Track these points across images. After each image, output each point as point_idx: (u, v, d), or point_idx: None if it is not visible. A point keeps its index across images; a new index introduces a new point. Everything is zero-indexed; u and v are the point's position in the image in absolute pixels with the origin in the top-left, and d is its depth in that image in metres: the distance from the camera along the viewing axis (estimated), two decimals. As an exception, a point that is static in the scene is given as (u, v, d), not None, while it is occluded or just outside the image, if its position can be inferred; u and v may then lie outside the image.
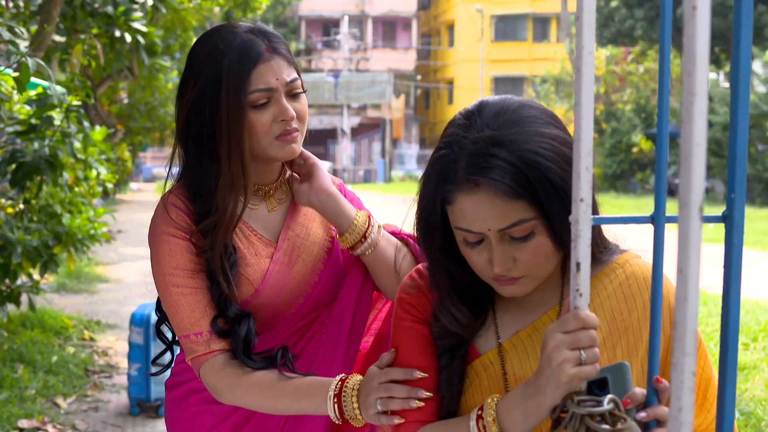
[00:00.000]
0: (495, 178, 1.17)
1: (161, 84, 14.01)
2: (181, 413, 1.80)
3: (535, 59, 41.40)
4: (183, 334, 1.64)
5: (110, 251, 11.91)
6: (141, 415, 4.96)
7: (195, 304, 1.63)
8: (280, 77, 1.64)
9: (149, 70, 9.28)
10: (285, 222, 1.78)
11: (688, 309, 0.83)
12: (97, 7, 7.38)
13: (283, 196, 1.81)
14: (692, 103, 0.83)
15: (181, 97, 1.68)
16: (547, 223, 1.20)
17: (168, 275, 1.65)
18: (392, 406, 1.38)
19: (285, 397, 1.58)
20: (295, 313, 1.76)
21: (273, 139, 1.66)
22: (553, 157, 1.19)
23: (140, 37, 7.55)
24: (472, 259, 1.26)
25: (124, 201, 22.76)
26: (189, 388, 1.78)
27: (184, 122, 1.67)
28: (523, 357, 1.32)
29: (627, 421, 1.00)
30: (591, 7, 1.02)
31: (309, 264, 1.77)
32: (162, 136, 22.07)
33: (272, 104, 1.65)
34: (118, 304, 8.38)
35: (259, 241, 1.74)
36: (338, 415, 1.52)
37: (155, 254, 1.68)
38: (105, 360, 6.21)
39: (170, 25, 9.48)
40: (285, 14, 44.83)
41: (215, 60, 1.63)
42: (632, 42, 30.87)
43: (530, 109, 1.24)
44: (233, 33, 1.66)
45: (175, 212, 1.67)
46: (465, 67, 43.20)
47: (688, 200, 0.83)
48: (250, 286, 1.70)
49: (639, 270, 1.34)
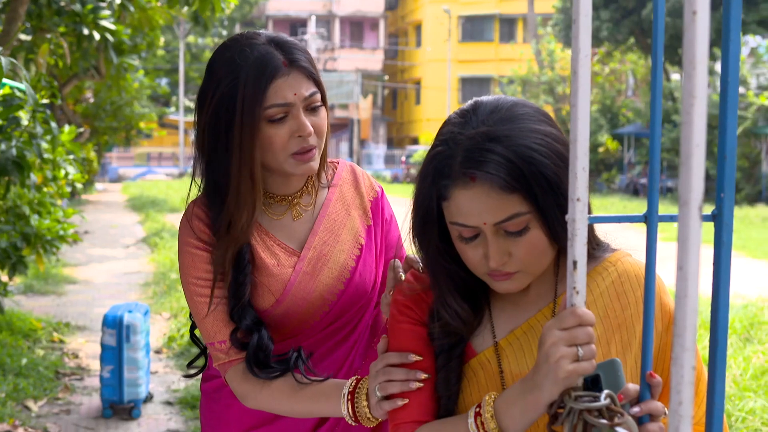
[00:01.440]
0: (490, 171, 1.20)
1: (129, 83, 13.89)
2: (213, 405, 1.83)
3: (502, 60, 41.66)
4: (208, 342, 1.68)
5: (77, 252, 11.77)
6: (114, 417, 4.92)
7: (218, 313, 1.66)
8: (298, 92, 1.62)
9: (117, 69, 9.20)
10: (313, 228, 1.77)
11: (688, 305, 0.86)
12: (64, 5, 7.30)
13: (311, 202, 1.79)
14: (692, 105, 0.85)
15: (200, 108, 1.68)
16: (541, 217, 1.22)
17: (192, 285, 1.67)
18: (391, 390, 1.38)
19: (305, 401, 1.59)
20: (320, 321, 1.75)
21: (289, 156, 1.65)
22: (547, 152, 1.21)
23: (108, 35, 7.48)
24: (467, 255, 1.28)
25: (90, 201, 22.51)
26: (221, 383, 1.79)
27: (202, 135, 1.67)
28: (519, 354, 1.34)
29: (624, 416, 1.02)
30: (587, 11, 1.04)
31: (335, 272, 1.75)
32: (128, 136, 21.89)
33: (290, 119, 1.63)
34: (87, 305, 8.29)
35: (282, 251, 1.73)
36: (351, 414, 1.53)
37: (181, 264, 1.71)
38: (75, 362, 6.15)
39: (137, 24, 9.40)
40: (252, 14, 44.64)
41: (232, 74, 1.61)
42: (598, 43, 31.14)
43: (524, 107, 1.26)
44: (251, 45, 1.64)
45: (197, 223, 1.69)
46: (432, 67, 43.34)
47: (689, 199, 0.85)
48: (271, 297, 1.70)
49: (631, 268, 1.36)
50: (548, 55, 32.94)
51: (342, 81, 40.59)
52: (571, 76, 1.04)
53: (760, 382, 5.14)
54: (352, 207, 1.82)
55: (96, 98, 18.90)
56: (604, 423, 1.01)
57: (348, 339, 1.79)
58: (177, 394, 5.37)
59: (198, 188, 1.75)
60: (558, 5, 32.21)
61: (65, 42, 7.80)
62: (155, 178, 37.17)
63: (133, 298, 8.42)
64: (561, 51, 32.63)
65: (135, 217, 18.28)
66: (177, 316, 7.50)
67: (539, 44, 33.85)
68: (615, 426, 1.01)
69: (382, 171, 39.91)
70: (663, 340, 1.33)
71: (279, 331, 1.72)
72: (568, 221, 1.06)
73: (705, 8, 0.83)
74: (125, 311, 5.02)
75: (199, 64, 44.08)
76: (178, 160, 44.04)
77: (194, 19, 8.82)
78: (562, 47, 32.58)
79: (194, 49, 45.60)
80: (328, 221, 1.78)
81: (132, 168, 42.38)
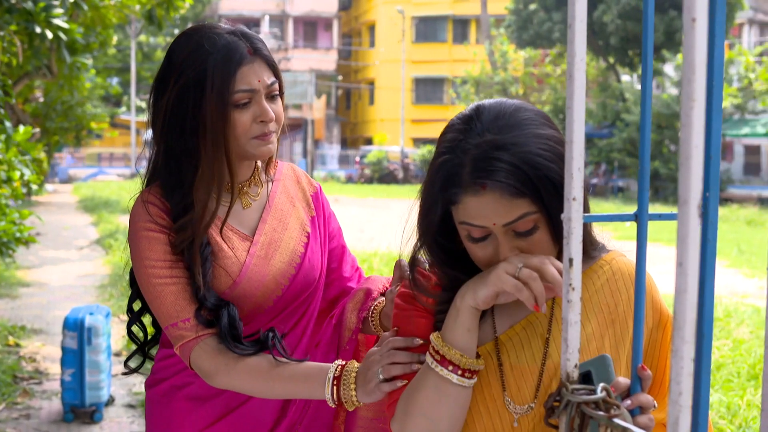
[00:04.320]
0: (500, 180, 1.25)
1: (81, 83, 13.68)
2: (161, 411, 1.82)
3: (456, 60, 41.92)
4: (170, 323, 1.67)
5: (30, 254, 11.56)
6: (75, 421, 4.86)
7: (180, 292, 1.67)
8: (261, 79, 1.70)
9: (70, 69, 9.06)
10: (262, 216, 1.82)
11: (688, 299, 0.89)
12: (15, 2, 7.17)
13: (258, 193, 1.84)
14: (692, 108, 0.89)
15: (159, 94, 1.70)
16: (547, 218, 1.28)
17: (150, 268, 1.68)
18: (394, 372, 1.45)
19: (281, 381, 1.62)
20: (273, 306, 1.79)
21: (251, 139, 1.71)
22: (552, 156, 1.27)
23: (62, 34, 7.37)
24: (476, 254, 1.33)
25: (40, 203, 22.10)
26: (170, 385, 1.80)
27: (162, 120, 1.69)
28: (518, 348, 1.39)
29: (620, 408, 1.06)
30: (582, 16, 1.07)
31: (286, 257, 1.81)
32: (79, 136, 21.53)
33: (253, 105, 1.70)
34: (42, 308, 8.17)
35: (235, 235, 1.78)
36: (335, 398, 1.58)
37: (135, 249, 1.71)
38: (33, 366, 6.06)
39: (90, 23, 9.27)
40: (204, 13, 44.26)
41: (200, 59, 1.66)
42: (550, 44, 31.53)
43: (526, 112, 1.31)
44: (217, 34, 1.70)
45: (153, 209, 1.70)
46: (386, 67, 43.44)
47: (688, 198, 0.89)
48: (228, 278, 1.73)
49: (624, 267, 1.42)
50: (501, 56, 33.24)
51: (296, 81, 40.41)
52: (567, 80, 1.07)
53: (716, 376, 5.27)
54: (296, 199, 1.90)
55: (46, 98, 18.58)
56: (602, 415, 1.04)
57: (297, 326, 1.83)
58: (139, 397, 5.32)
59: (145, 175, 1.77)
60: (511, 7, 32.53)
61: (17, 40, 7.66)
62: (107, 178, 36.63)
63: (89, 301, 8.30)
64: (514, 52, 32.96)
65: (87, 219, 18.01)
66: (135, 318, 7.41)
67: (492, 45, 34.14)
68: (612, 417, 1.04)
69: (336, 171, 39.91)
70: (653, 336, 1.39)
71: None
72: (563, 220, 1.09)
73: (703, 15, 0.87)
74: (86, 313, 4.96)
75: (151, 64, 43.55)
76: (130, 160, 43.44)
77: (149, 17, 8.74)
78: (515, 48, 32.91)
79: (146, 48, 45.05)
80: (276, 211, 1.85)
81: (83, 169, 41.68)
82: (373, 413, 1.76)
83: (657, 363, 1.38)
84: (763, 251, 12.94)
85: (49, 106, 18.70)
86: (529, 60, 32.51)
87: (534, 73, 32.53)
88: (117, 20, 9.75)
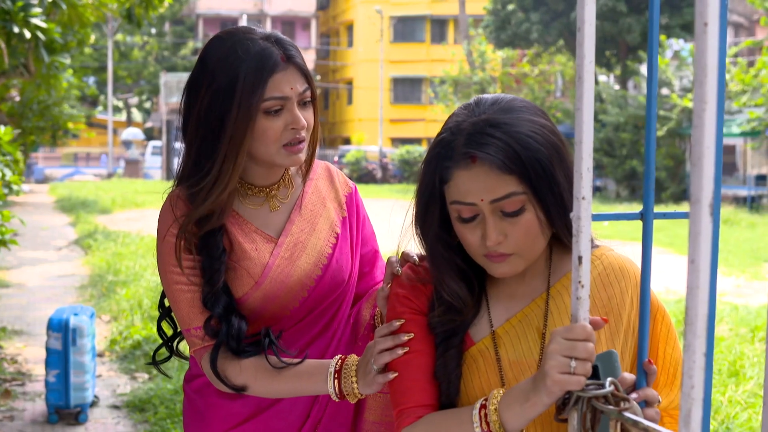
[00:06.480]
0: (490, 153, 1.31)
1: (59, 82, 13.56)
2: (195, 406, 1.85)
3: (434, 60, 41.99)
4: (184, 328, 1.72)
5: (8, 255, 11.42)
6: (60, 422, 4.84)
7: (195, 300, 1.70)
8: (294, 87, 1.70)
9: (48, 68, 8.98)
10: (290, 217, 1.83)
11: (699, 295, 0.92)
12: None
13: (287, 196, 1.85)
14: (704, 110, 0.91)
15: (192, 96, 1.72)
16: (536, 200, 1.33)
17: (170, 273, 1.72)
18: (382, 360, 1.48)
19: (286, 380, 1.66)
20: (299, 308, 1.80)
21: (281, 147, 1.72)
22: (542, 141, 1.33)
23: (40, 33, 7.31)
24: (465, 237, 1.37)
25: (16, 203, 21.86)
26: (204, 381, 1.82)
27: (194, 122, 1.71)
28: (515, 342, 1.43)
29: (629, 402, 1.09)
30: (591, 19, 1.10)
31: (312, 258, 1.81)
32: (55, 136, 21.34)
33: (285, 112, 1.70)
34: (23, 309, 8.10)
35: (260, 237, 1.79)
36: (337, 392, 1.61)
37: (160, 251, 1.74)
38: (15, 367, 6.01)
39: (68, 22, 9.19)
40: (182, 12, 44.03)
41: (233, 65, 1.67)
42: (528, 44, 31.68)
43: (522, 102, 1.39)
44: (251, 39, 1.70)
45: (179, 210, 1.73)
46: (364, 67, 43.42)
47: (700, 197, 0.92)
48: (250, 279, 1.75)
49: (615, 261, 1.47)
50: (479, 56, 33.36)
51: (274, 81, 40.32)
52: (576, 82, 1.10)
53: (697, 373, 5.33)
54: (328, 199, 1.89)
55: (22, 97, 18.39)
56: (613, 409, 1.07)
57: (327, 330, 1.84)
58: (123, 398, 5.30)
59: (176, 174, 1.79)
60: (489, 7, 32.64)
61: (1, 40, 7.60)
62: (83, 178, 36.32)
63: (70, 301, 8.25)
64: (492, 52, 33.09)
65: (65, 219, 17.87)
66: (118, 318, 7.38)
67: (470, 45, 34.24)
68: (623, 411, 1.07)
69: (315, 171, 39.75)
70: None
71: (258, 318, 1.77)
72: (572, 219, 1.12)
73: (715, 20, 0.90)
74: (71, 314, 4.93)
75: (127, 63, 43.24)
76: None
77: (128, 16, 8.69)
78: (493, 48, 33.04)
79: (123, 48, 44.72)
80: (305, 211, 1.85)
81: (59, 168, 41.29)
82: (378, 417, 1.79)
83: (650, 353, 1.42)
84: (739, 250, 13.09)
85: (25, 105, 18.49)
86: (507, 60, 32.66)
87: (512, 73, 32.68)
88: (95, 19, 9.67)
